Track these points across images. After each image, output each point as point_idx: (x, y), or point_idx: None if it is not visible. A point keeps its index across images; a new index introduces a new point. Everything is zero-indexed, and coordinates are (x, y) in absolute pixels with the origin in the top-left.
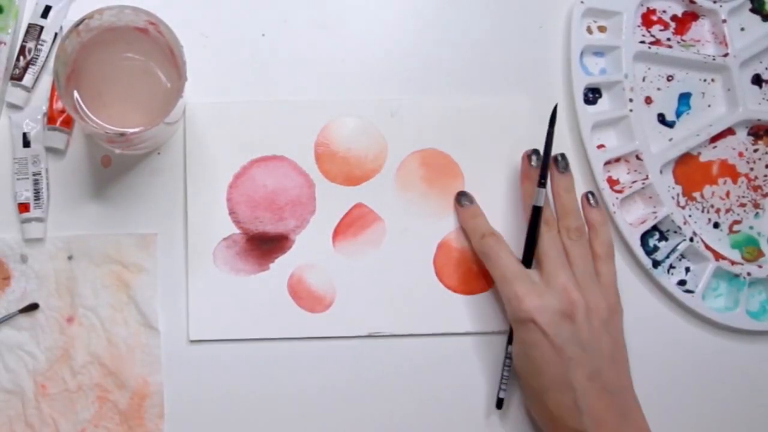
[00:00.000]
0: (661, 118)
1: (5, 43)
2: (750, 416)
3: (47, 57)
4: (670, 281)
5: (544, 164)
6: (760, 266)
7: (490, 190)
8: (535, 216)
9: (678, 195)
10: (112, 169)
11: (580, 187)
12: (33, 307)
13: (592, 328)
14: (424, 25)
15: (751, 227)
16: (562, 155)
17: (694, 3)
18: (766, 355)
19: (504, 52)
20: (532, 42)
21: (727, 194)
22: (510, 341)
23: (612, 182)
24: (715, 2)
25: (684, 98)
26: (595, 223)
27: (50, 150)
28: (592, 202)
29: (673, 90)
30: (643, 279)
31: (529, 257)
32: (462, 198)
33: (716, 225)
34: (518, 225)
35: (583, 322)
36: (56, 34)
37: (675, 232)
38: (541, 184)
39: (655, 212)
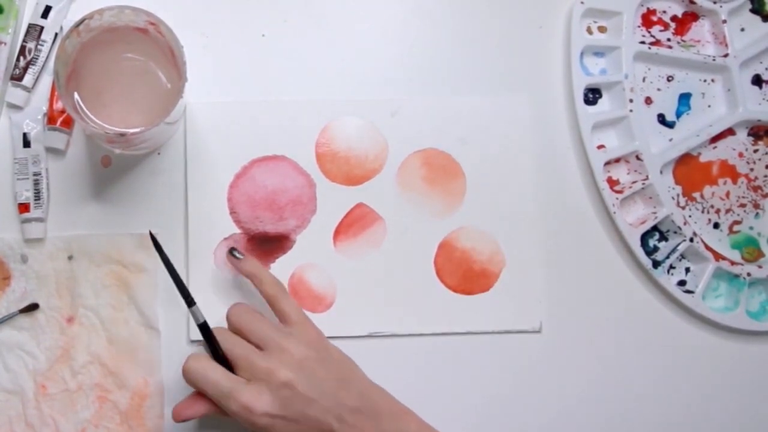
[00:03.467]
0: (661, 119)
1: (5, 43)
2: (750, 416)
3: (47, 57)
4: (670, 281)
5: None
6: (760, 266)
7: (491, 189)
8: (206, 331)
9: (678, 195)
10: (112, 169)
11: (580, 188)
12: (33, 307)
13: (305, 379)
14: (424, 25)
15: (751, 227)
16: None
17: (694, 3)
18: (766, 355)
19: (504, 52)
20: (532, 42)
21: (727, 194)
22: None
23: (612, 182)
24: (715, 3)
25: (684, 98)
26: (252, 272)
27: (50, 150)
28: (237, 255)
29: (673, 90)
30: (643, 279)
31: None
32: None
33: (716, 225)
34: (519, 224)
35: (295, 379)
36: (56, 34)
37: (675, 232)
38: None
39: (655, 212)
